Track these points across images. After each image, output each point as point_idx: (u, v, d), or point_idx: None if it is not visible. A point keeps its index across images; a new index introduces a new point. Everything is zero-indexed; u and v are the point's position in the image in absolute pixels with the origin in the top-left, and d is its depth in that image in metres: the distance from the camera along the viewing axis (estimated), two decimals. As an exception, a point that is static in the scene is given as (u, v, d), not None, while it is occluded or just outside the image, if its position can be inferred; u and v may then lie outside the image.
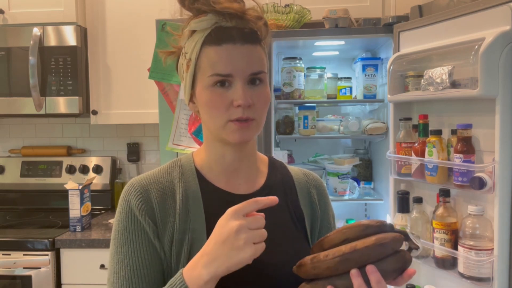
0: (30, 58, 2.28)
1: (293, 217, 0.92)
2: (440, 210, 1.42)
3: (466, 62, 1.31)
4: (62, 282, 2.10)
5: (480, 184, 1.25)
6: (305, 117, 2.09)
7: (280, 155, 2.03)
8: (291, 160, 2.27)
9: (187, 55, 0.84)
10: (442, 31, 1.48)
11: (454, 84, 1.38)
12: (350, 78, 2.21)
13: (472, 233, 1.32)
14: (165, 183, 0.87)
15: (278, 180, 0.95)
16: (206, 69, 0.81)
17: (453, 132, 1.44)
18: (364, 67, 2.10)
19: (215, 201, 0.86)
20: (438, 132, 1.45)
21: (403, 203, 1.58)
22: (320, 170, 2.19)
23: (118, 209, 0.87)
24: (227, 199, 0.85)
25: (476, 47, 1.26)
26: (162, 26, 1.93)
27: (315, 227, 0.96)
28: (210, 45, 0.81)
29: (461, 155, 1.34)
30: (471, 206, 1.32)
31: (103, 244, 2.06)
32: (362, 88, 2.13)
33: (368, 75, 2.10)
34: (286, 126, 2.14)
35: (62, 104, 2.33)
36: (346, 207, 2.40)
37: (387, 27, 1.85)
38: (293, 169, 1.00)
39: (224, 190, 0.88)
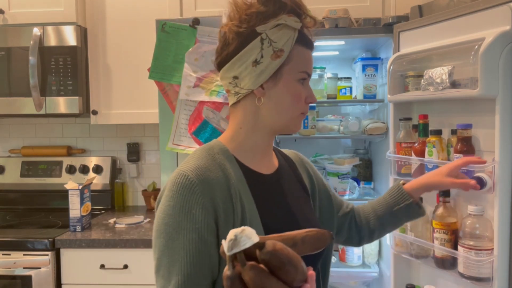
0: (30, 58, 2.28)
1: (303, 189, 1.08)
2: (440, 210, 1.42)
3: (466, 62, 1.31)
4: (62, 282, 2.10)
5: (480, 184, 1.25)
6: (305, 117, 2.09)
7: (280, 155, 2.03)
8: (291, 160, 2.27)
9: (275, 44, 0.91)
10: (442, 31, 1.48)
11: (454, 84, 1.38)
12: (350, 78, 2.21)
13: (472, 233, 1.32)
14: (216, 171, 0.89)
15: (284, 161, 1.10)
16: (298, 65, 0.94)
17: (453, 132, 1.44)
18: (364, 67, 2.10)
19: (255, 181, 0.95)
20: (438, 132, 1.45)
21: None
22: (320, 170, 2.19)
23: (169, 202, 0.85)
24: (261, 179, 0.97)
25: (476, 47, 1.26)
26: (162, 26, 1.93)
27: (315, 195, 1.12)
28: (302, 45, 0.94)
29: (460, 155, 1.34)
30: (471, 206, 1.32)
31: (103, 244, 2.06)
32: (362, 88, 2.13)
33: (368, 75, 2.10)
34: (286, 126, 2.14)
35: (62, 104, 2.33)
36: (346, 207, 2.40)
37: (387, 27, 1.85)
38: (284, 151, 1.17)
39: (258, 172, 0.98)
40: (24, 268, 2.05)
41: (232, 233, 0.61)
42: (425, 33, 1.57)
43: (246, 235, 0.61)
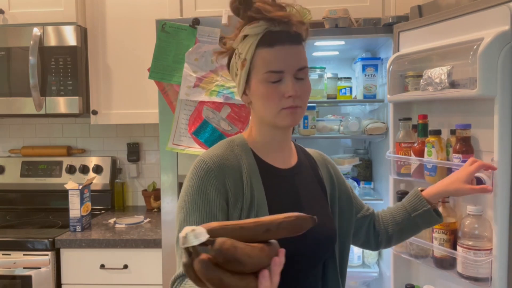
0: (30, 58, 2.28)
1: (320, 188, 1.12)
2: (439, 210, 1.42)
3: (465, 62, 1.31)
4: (62, 282, 2.10)
5: (479, 184, 1.25)
6: (305, 117, 2.09)
7: (280, 155, 2.03)
8: (291, 160, 2.27)
9: (241, 56, 1.00)
10: (442, 31, 1.48)
11: (453, 84, 1.38)
12: (350, 78, 2.20)
13: (471, 233, 1.32)
14: (232, 160, 1.01)
15: (305, 158, 1.15)
16: (261, 67, 0.98)
17: (453, 132, 1.44)
18: (364, 67, 2.10)
19: (268, 174, 1.04)
20: (437, 132, 1.45)
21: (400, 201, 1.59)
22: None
23: (189, 182, 0.99)
24: (275, 172, 1.05)
25: (475, 47, 1.26)
26: (162, 26, 1.93)
27: (334, 196, 1.15)
28: (264, 47, 0.97)
29: (459, 155, 1.34)
30: (470, 206, 1.32)
31: (103, 244, 2.06)
32: (362, 88, 2.13)
33: (368, 75, 2.10)
34: (286, 126, 2.14)
35: (62, 104, 2.33)
36: (346, 207, 2.40)
37: (387, 27, 1.85)
38: (308, 150, 1.22)
39: (272, 165, 1.06)
40: (24, 268, 2.05)
41: (185, 230, 0.68)
42: (425, 33, 1.57)
43: (195, 235, 0.68)
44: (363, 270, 2.17)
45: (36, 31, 2.30)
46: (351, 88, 2.17)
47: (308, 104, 2.12)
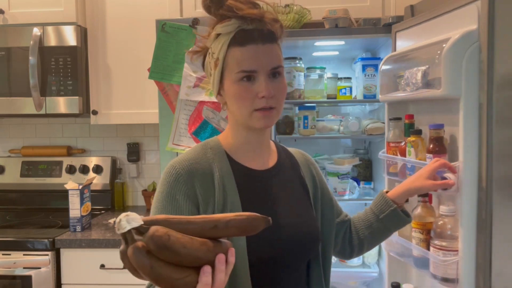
0: (30, 58, 2.28)
1: (302, 188, 1.10)
2: (418, 210, 1.40)
3: (437, 63, 1.30)
4: (62, 282, 2.10)
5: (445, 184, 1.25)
6: (305, 117, 2.09)
7: (280, 155, 2.03)
8: (291, 160, 2.27)
9: (214, 55, 0.98)
10: (426, 31, 1.46)
11: (428, 84, 1.37)
12: (350, 78, 2.21)
13: (443, 233, 1.30)
14: (203, 164, 0.99)
15: (286, 159, 1.13)
16: (233, 67, 0.95)
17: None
18: (364, 67, 2.10)
19: (243, 176, 1.01)
20: (418, 132, 1.43)
21: None
22: (320, 170, 2.19)
23: (159, 189, 0.98)
24: (251, 174, 1.03)
25: (444, 46, 1.25)
26: (162, 26, 1.93)
27: (317, 197, 1.14)
28: (236, 46, 0.95)
29: (431, 155, 1.33)
30: (442, 207, 1.30)
31: (103, 244, 2.06)
32: (362, 88, 2.13)
33: (368, 75, 2.10)
34: (286, 126, 2.14)
35: (62, 104, 2.33)
36: (346, 207, 2.37)
37: (387, 27, 1.85)
38: (290, 149, 1.19)
39: (248, 167, 1.03)
40: (24, 268, 2.05)
41: (119, 217, 0.67)
42: (416, 32, 1.55)
43: (127, 220, 0.67)
44: (363, 270, 2.17)
45: (36, 31, 2.30)
46: (351, 88, 2.17)
47: (308, 104, 2.15)
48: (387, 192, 1.22)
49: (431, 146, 1.34)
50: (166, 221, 0.71)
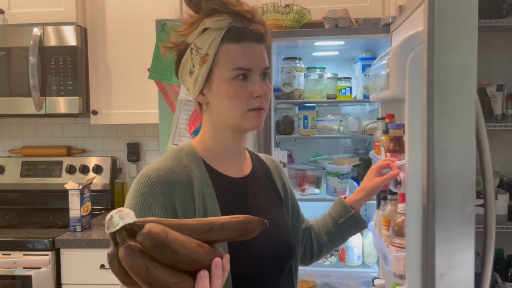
0: (30, 58, 2.28)
1: (276, 195, 1.08)
2: (388, 208, 1.41)
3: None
4: (62, 282, 2.10)
5: (394, 182, 1.25)
6: (305, 117, 2.09)
7: (280, 155, 2.03)
8: (291, 160, 2.27)
9: (200, 51, 0.92)
10: (410, 29, 1.47)
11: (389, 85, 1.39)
12: (350, 78, 2.21)
13: (399, 231, 1.30)
14: (180, 173, 0.91)
15: (259, 165, 1.09)
16: (227, 64, 0.90)
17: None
18: (364, 67, 2.10)
19: (221, 184, 0.95)
20: (386, 132, 1.45)
21: (379, 200, 1.59)
22: (320, 170, 2.19)
23: (131, 201, 0.88)
24: (229, 182, 0.97)
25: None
26: (162, 26, 1.93)
27: (288, 202, 1.12)
28: (230, 42, 0.90)
29: (389, 154, 1.34)
30: (400, 205, 1.31)
31: (103, 244, 2.06)
32: (362, 88, 2.13)
33: (368, 75, 2.10)
34: (286, 126, 2.14)
35: (62, 104, 2.33)
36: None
37: (386, 27, 1.85)
38: (261, 155, 1.15)
39: (226, 175, 0.97)
40: (24, 268, 2.05)
41: (110, 214, 0.62)
42: (404, 31, 1.56)
43: (120, 216, 0.61)
44: (363, 270, 2.18)
45: (36, 31, 2.30)
46: (351, 88, 2.17)
47: (308, 104, 2.15)
48: (344, 198, 1.25)
49: (391, 145, 1.36)
50: (158, 223, 0.65)
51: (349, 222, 1.21)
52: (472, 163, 1.11)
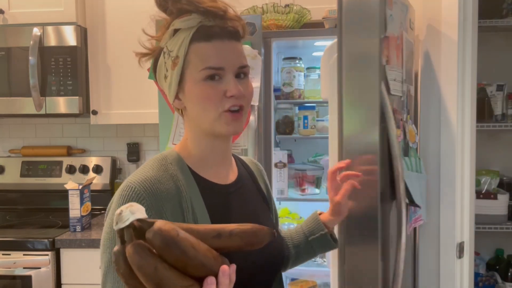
0: (30, 58, 2.28)
1: (262, 200, 1.04)
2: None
3: None
4: (62, 282, 2.10)
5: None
6: (305, 117, 2.09)
7: (279, 155, 2.03)
8: (291, 160, 2.27)
9: (171, 53, 0.88)
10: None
11: None
12: (350, 78, 2.20)
13: None
14: (167, 183, 0.85)
15: (243, 170, 1.04)
16: (197, 64, 0.85)
17: None
18: (364, 67, 2.10)
19: (210, 193, 0.90)
20: None
21: None
22: (320, 170, 2.19)
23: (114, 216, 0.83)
24: (218, 190, 0.92)
25: None
26: (162, 26, 1.93)
27: (271, 206, 1.09)
28: (199, 41, 0.86)
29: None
30: None
31: (103, 244, 2.06)
32: (362, 88, 2.13)
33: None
34: (286, 126, 2.14)
35: (62, 104, 2.33)
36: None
37: (387, 27, 1.85)
38: (244, 158, 1.10)
39: (214, 182, 0.92)
40: (24, 268, 2.05)
41: (120, 209, 0.59)
42: None
43: (131, 211, 0.58)
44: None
45: (36, 31, 2.30)
46: (351, 88, 2.17)
47: (308, 104, 2.15)
48: (320, 214, 1.16)
49: None
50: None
51: (319, 240, 1.13)
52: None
